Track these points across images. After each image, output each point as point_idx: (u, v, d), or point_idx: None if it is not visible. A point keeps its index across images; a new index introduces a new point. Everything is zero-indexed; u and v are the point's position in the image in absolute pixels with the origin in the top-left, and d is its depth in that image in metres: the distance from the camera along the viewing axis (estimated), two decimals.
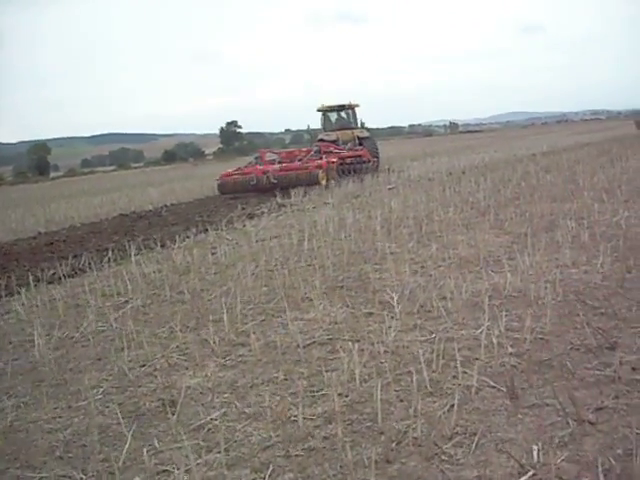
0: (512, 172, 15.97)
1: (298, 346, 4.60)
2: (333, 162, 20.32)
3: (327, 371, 4.06)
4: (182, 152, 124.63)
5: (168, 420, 3.64)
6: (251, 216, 13.46)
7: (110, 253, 9.74)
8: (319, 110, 25.61)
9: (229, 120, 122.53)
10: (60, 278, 8.56)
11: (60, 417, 3.93)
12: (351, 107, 25.56)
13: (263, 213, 13.61)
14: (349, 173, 21.08)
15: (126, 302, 6.74)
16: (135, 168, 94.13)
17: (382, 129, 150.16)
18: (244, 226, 11.90)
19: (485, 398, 3.48)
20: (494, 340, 4.12)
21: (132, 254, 9.33)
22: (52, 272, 9.00)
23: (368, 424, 3.32)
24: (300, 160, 19.90)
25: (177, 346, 4.99)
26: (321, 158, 20.04)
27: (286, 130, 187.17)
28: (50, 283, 8.52)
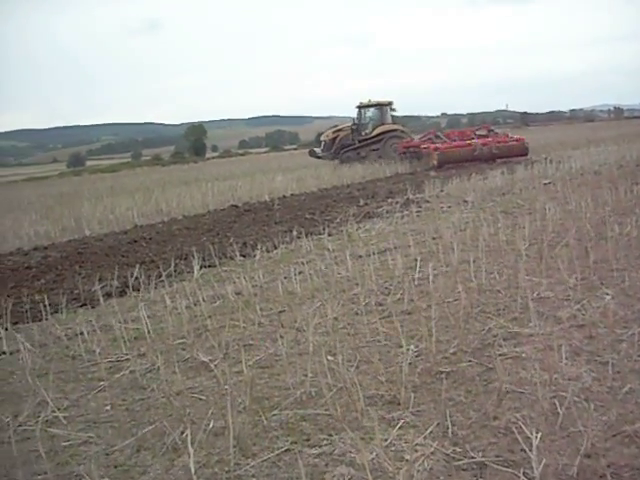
0: None
1: None
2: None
3: None
4: None
5: None
6: (369, 215, 11.00)
7: (172, 265, 7.65)
8: (359, 107, 27.29)
9: None
10: (98, 299, 6.58)
11: None
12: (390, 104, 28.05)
13: (384, 212, 11.08)
14: None
15: (127, 361, 4.55)
16: (286, 150, 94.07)
17: (541, 114, 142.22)
18: (357, 229, 9.48)
19: None
20: None
21: (195, 269, 7.23)
22: (101, 286, 7.06)
23: None
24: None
25: None
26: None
27: (442, 114, 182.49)
28: (82, 306, 6.59)
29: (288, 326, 4.94)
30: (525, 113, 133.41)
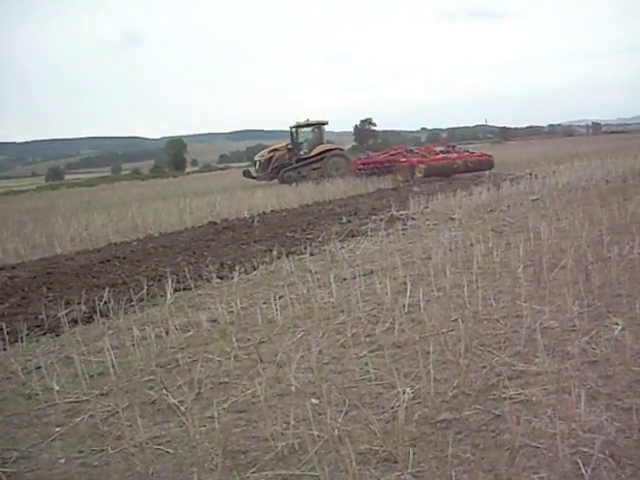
0: None
1: None
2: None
3: None
4: None
5: None
6: (353, 234, 10.55)
7: (145, 288, 7.18)
8: (296, 126, 27.85)
9: (363, 118, 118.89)
10: (63, 326, 6.09)
11: None
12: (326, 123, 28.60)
13: (368, 230, 10.63)
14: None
15: (87, 402, 4.07)
16: None
17: (520, 129, 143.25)
18: (340, 249, 9.03)
19: None
20: None
21: (168, 293, 6.76)
22: (67, 312, 6.57)
23: None
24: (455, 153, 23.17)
25: None
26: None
27: (422, 128, 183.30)
28: (45, 334, 6.08)
29: (267, 360, 4.49)
30: (505, 128, 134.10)
